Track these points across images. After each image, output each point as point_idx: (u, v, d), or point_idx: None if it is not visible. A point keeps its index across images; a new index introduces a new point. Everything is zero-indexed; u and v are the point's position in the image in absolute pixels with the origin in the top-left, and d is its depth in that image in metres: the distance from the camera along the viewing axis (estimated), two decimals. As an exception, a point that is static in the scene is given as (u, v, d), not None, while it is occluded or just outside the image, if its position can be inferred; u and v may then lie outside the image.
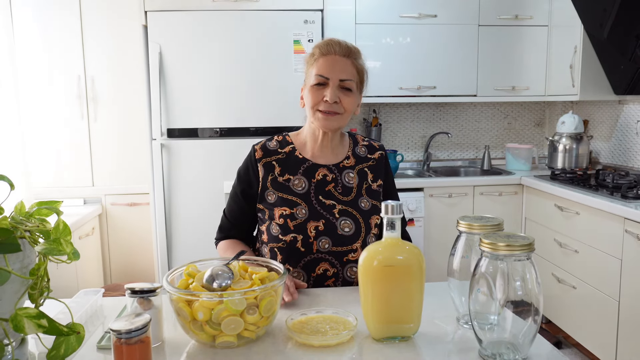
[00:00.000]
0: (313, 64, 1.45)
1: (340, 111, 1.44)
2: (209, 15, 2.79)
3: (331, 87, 1.41)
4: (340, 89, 1.43)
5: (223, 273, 1.08)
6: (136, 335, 0.87)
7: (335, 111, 1.43)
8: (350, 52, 1.45)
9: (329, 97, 1.41)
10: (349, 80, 1.43)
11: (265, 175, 1.49)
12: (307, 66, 1.49)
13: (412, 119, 3.68)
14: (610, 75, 2.99)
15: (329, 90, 1.41)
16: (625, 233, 2.28)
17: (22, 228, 0.93)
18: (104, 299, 1.32)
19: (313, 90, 1.43)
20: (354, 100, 1.46)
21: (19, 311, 0.86)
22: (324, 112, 1.43)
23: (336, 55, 1.44)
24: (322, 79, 1.42)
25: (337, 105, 1.42)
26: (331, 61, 1.43)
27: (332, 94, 1.41)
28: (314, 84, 1.43)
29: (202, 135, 2.85)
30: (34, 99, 3.09)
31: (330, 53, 1.44)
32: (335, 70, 1.42)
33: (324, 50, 1.44)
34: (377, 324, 1.06)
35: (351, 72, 1.44)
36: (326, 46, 1.45)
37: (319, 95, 1.43)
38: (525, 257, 0.93)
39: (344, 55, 1.44)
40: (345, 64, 1.44)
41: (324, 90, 1.42)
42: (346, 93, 1.43)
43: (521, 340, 0.96)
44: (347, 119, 1.48)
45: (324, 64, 1.43)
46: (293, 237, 1.42)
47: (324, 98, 1.42)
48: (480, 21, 3.25)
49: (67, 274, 2.64)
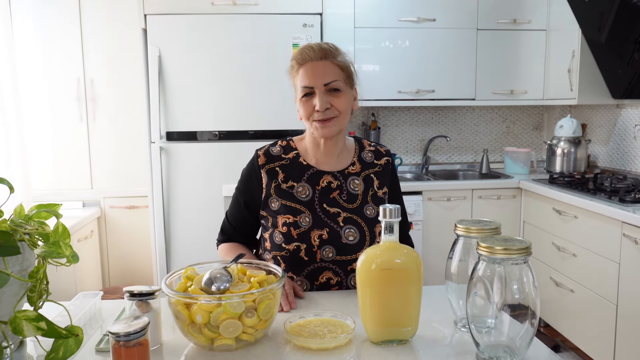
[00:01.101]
0: (295, 75, 1.43)
1: (334, 115, 1.41)
2: (208, 18, 2.80)
3: (318, 95, 1.39)
4: (328, 93, 1.39)
5: (222, 276, 1.08)
6: (134, 338, 0.88)
7: (329, 117, 1.40)
8: (325, 53, 1.41)
9: (319, 105, 1.38)
10: (334, 82, 1.40)
11: (268, 182, 1.47)
12: (292, 79, 1.47)
13: (410, 123, 3.68)
14: (609, 79, 3.00)
15: (316, 99, 1.39)
16: (623, 237, 2.29)
17: (21, 231, 0.93)
18: (103, 301, 1.32)
19: (303, 102, 1.41)
20: (346, 99, 1.42)
21: (17, 314, 0.86)
22: (319, 121, 1.41)
23: (313, 61, 1.40)
24: (307, 89, 1.40)
25: (330, 111, 1.40)
26: (310, 69, 1.40)
27: (321, 101, 1.38)
28: (301, 96, 1.41)
29: (201, 138, 2.85)
30: (33, 102, 3.09)
31: (306, 61, 1.40)
32: (316, 76, 1.39)
33: (300, 60, 1.41)
34: (375, 327, 1.07)
35: (334, 73, 1.40)
36: (300, 55, 1.41)
37: (310, 105, 1.40)
38: (522, 261, 0.93)
39: (320, 58, 1.40)
40: (325, 66, 1.40)
41: (312, 100, 1.40)
42: (335, 94, 1.40)
43: (518, 344, 0.96)
44: (345, 120, 1.44)
45: (305, 74, 1.40)
46: (296, 246, 1.40)
47: (315, 107, 1.39)
48: (478, 25, 3.27)
49: (66, 276, 2.63)
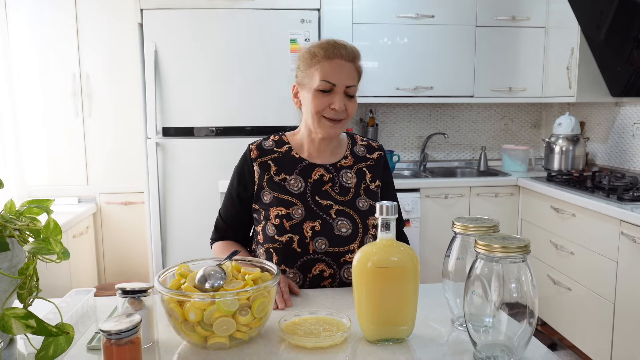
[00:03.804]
0: (315, 65, 1.38)
1: (344, 117, 1.41)
2: (205, 13, 2.77)
3: (339, 95, 1.37)
4: (344, 95, 1.39)
5: (215, 273, 1.07)
6: (126, 336, 0.86)
7: (341, 118, 1.40)
8: (355, 56, 1.40)
9: (338, 105, 1.36)
10: (353, 86, 1.40)
11: (261, 174, 1.46)
12: (304, 65, 1.42)
13: (408, 120, 3.67)
14: (607, 77, 2.99)
15: (336, 98, 1.37)
16: (621, 235, 2.28)
17: (11, 227, 0.92)
18: (97, 298, 1.31)
19: (318, 95, 1.38)
20: (356, 104, 1.43)
21: (6, 311, 0.85)
22: (330, 119, 1.39)
23: (342, 59, 1.38)
24: (328, 85, 1.37)
25: (342, 112, 1.39)
26: (337, 66, 1.37)
27: (340, 102, 1.37)
28: (318, 89, 1.38)
29: (198, 134, 2.83)
30: (29, 98, 3.07)
31: (336, 57, 1.37)
32: (342, 76, 1.37)
33: (330, 53, 1.38)
34: (371, 326, 1.05)
35: (354, 77, 1.40)
36: (332, 49, 1.38)
37: (325, 101, 1.38)
38: (520, 259, 0.92)
39: (349, 60, 1.39)
40: (350, 69, 1.39)
41: (329, 97, 1.38)
42: (350, 99, 1.40)
43: (516, 343, 0.95)
44: (348, 123, 1.47)
45: (330, 69, 1.37)
46: (289, 238, 1.40)
47: (331, 105, 1.37)
48: (477, 22, 3.25)
49: (61, 273, 2.62)
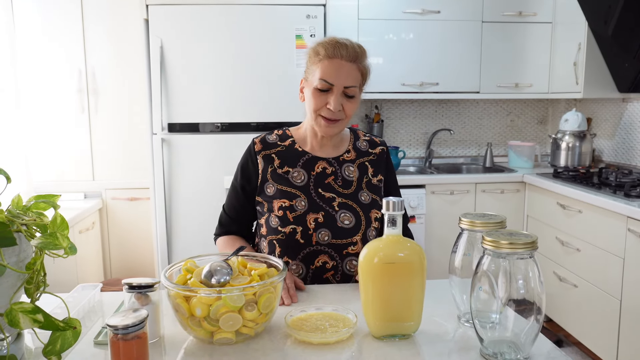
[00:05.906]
0: (317, 64, 1.39)
1: (341, 117, 1.40)
2: (210, 9, 2.77)
3: (335, 95, 1.37)
4: (343, 95, 1.39)
5: (222, 269, 1.07)
6: (133, 331, 0.87)
7: (337, 118, 1.40)
8: (357, 56, 1.39)
9: (333, 105, 1.37)
10: (352, 87, 1.39)
11: (264, 167, 1.47)
12: (309, 62, 1.43)
13: (414, 116, 3.66)
14: (615, 72, 2.97)
15: (332, 98, 1.37)
16: (628, 232, 2.27)
17: (18, 222, 0.92)
18: (103, 293, 1.32)
19: (316, 94, 1.39)
20: (356, 105, 1.42)
21: (14, 306, 0.85)
22: (325, 118, 1.40)
23: (342, 59, 1.37)
24: (326, 85, 1.37)
25: (339, 112, 1.39)
26: (336, 66, 1.37)
27: (336, 102, 1.37)
28: (317, 87, 1.38)
29: (203, 130, 2.83)
30: (35, 93, 3.07)
31: (336, 57, 1.37)
32: (340, 76, 1.37)
33: (330, 53, 1.38)
34: (377, 322, 1.05)
35: (355, 78, 1.39)
36: (333, 49, 1.38)
37: (322, 100, 1.39)
38: (528, 256, 0.92)
39: (350, 60, 1.38)
40: (351, 69, 1.38)
41: (327, 96, 1.38)
42: (349, 99, 1.40)
43: (523, 340, 0.95)
44: (347, 124, 1.46)
45: (329, 69, 1.37)
46: (292, 229, 1.40)
47: (327, 105, 1.38)
48: (483, 17, 3.23)
49: (67, 268, 2.63)
